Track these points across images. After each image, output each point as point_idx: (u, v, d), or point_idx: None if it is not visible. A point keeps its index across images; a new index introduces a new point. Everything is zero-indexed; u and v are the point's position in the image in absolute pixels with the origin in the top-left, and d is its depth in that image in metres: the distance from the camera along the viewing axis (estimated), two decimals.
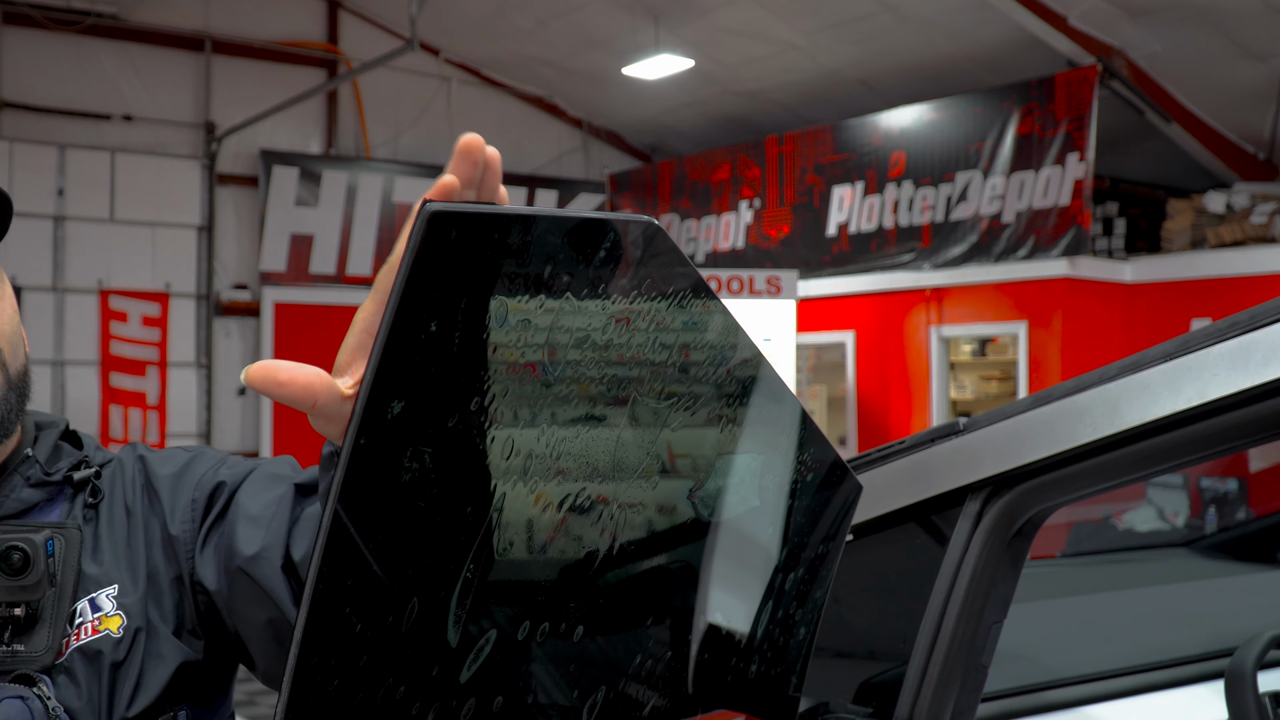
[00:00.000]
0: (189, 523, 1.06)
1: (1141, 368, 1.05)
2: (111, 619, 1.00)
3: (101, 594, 1.00)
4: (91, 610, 0.99)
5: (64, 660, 0.96)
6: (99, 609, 1.00)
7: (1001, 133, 9.33)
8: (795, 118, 11.79)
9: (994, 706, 1.53)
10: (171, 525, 1.06)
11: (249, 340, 11.65)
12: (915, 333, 9.86)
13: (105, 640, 0.99)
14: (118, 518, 1.06)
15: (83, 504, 1.05)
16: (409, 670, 0.52)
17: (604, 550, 0.61)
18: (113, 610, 1.00)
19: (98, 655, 0.98)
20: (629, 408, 0.59)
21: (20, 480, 1.03)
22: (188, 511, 1.06)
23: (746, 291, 9.47)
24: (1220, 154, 9.63)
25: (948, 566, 1.23)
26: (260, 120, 11.02)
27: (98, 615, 0.99)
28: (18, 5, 10.30)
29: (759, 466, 0.71)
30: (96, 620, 0.99)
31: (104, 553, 1.03)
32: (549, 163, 13.22)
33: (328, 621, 0.49)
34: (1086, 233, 8.77)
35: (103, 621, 0.99)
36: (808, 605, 0.78)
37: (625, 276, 0.55)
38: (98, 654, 0.98)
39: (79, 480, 1.05)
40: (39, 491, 1.03)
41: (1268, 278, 8.26)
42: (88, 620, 0.99)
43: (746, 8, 10.08)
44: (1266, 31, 8.41)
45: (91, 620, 0.99)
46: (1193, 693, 1.71)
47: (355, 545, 0.49)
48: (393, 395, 0.49)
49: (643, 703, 0.65)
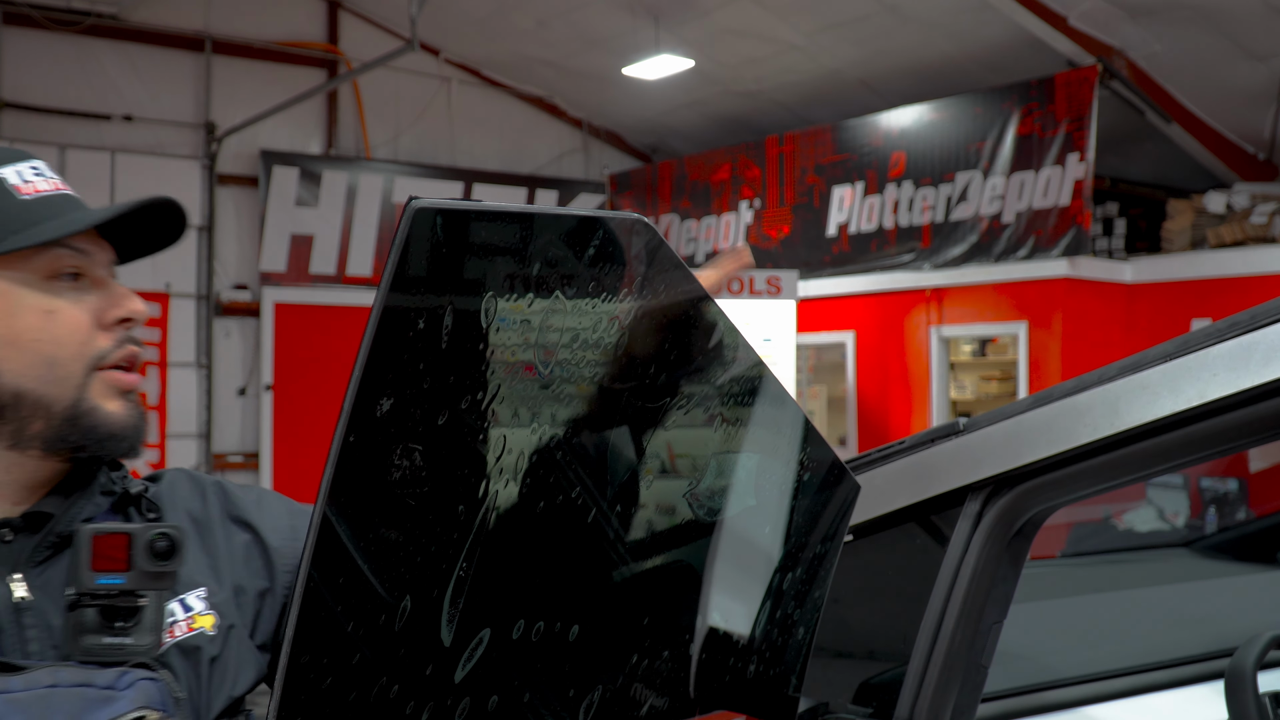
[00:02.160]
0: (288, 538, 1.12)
1: (1141, 368, 1.05)
2: (205, 617, 1.04)
3: (190, 595, 1.04)
4: (183, 609, 1.03)
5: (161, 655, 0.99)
6: (190, 608, 1.04)
7: (1001, 133, 9.32)
8: (795, 118, 11.79)
9: (994, 706, 1.53)
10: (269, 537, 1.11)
11: (249, 340, 11.64)
12: (915, 333, 9.86)
13: (201, 637, 1.03)
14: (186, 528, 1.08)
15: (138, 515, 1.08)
16: (402, 669, 0.52)
17: (600, 550, 0.60)
18: (205, 609, 1.05)
19: (195, 650, 1.02)
20: (624, 407, 0.58)
21: (98, 487, 1.07)
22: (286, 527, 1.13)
23: (746, 292, 9.47)
24: (1220, 154, 9.63)
25: (948, 566, 1.23)
26: (260, 120, 11.01)
27: (190, 614, 1.03)
28: (18, 5, 10.30)
29: (756, 466, 0.71)
30: (189, 619, 1.03)
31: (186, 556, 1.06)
32: (549, 163, 13.22)
33: (319, 620, 0.48)
34: (1086, 233, 8.77)
35: (196, 620, 1.04)
36: (807, 605, 0.78)
37: (616, 275, 0.54)
38: (195, 649, 1.02)
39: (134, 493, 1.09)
40: (106, 500, 1.07)
41: (1268, 278, 8.25)
42: (180, 618, 1.02)
43: (746, 8, 10.08)
44: (1266, 31, 8.41)
45: (184, 618, 1.03)
46: (1193, 693, 1.71)
47: (346, 544, 0.49)
48: (381, 392, 0.48)
49: (640, 702, 0.65)
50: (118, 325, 1.04)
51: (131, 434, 1.04)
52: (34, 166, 1.06)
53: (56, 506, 1.03)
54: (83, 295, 1.03)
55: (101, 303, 1.04)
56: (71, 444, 1.01)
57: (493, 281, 0.51)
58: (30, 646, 0.96)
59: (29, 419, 1.00)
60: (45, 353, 1.00)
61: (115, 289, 1.05)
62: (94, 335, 1.03)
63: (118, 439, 1.03)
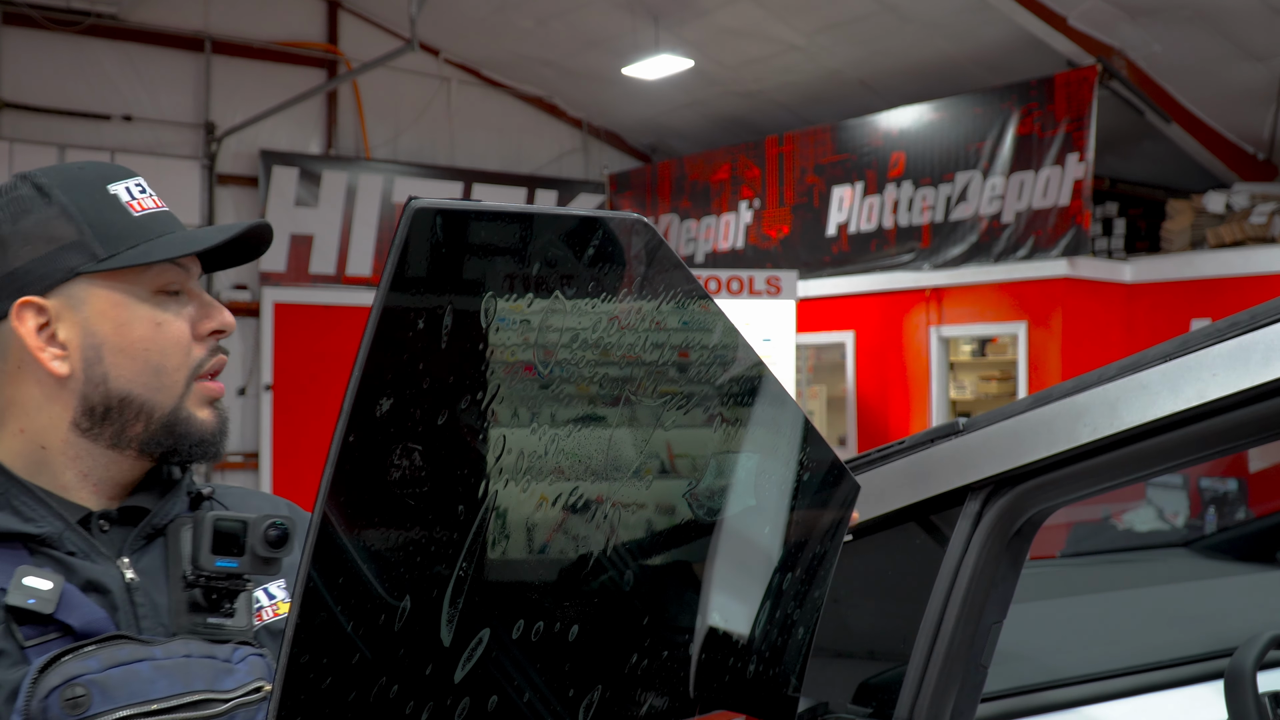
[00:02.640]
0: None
1: (1141, 368, 1.05)
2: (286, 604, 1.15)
3: (272, 584, 1.14)
4: (267, 597, 1.13)
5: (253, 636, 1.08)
6: (273, 596, 1.14)
7: (1001, 133, 9.33)
8: (795, 118, 11.79)
9: (994, 706, 1.53)
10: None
11: (249, 340, 11.64)
12: (915, 333, 9.86)
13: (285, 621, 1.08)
14: None
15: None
16: (402, 669, 0.52)
17: (600, 550, 0.60)
18: (286, 598, 1.15)
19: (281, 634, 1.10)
20: (624, 407, 0.58)
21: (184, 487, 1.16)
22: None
23: (746, 292, 9.47)
24: (1220, 154, 9.63)
25: (948, 566, 1.23)
26: (260, 120, 11.01)
27: (274, 601, 1.14)
28: (18, 5, 10.30)
29: (756, 467, 0.71)
30: (274, 605, 1.14)
31: None
32: (549, 163, 13.22)
33: (319, 620, 0.48)
34: (1086, 233, 8.77)
35: (279, 606, 1.15)
36: (806, 605, 0.78)
37: (615, 275, 0.54)
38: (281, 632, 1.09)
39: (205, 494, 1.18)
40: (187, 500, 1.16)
41: (1268, 278, 8.25)
42: (266, 605, 1.13)
43: (746, 8, 10.08)
44: (1266, 31, 8.41)
45: (269, 605, 1.13)
46: (1193, 693, 1.71)
47: (346, 544, 0.49)
48: (381, 392, 0.48)
49: (640, 702, 0.65)
50: (211, 336, 1.12)
51: (218, 440, 1.12)
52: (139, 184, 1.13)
53: (150, 502, 1.12)
54: (183, 308, 1.11)
55: (198, 315, 1.12)
56: (166, 447, 1.10)
57: (492, 281, 0.51)
58: (142, 623, 1.04)
59: (131, 422, 1.08)
60: (154, 362, 1.08)
61: (209, 302, 1.13)
62: (192, 346, 1.11)
63: (207, 444, 1.11)
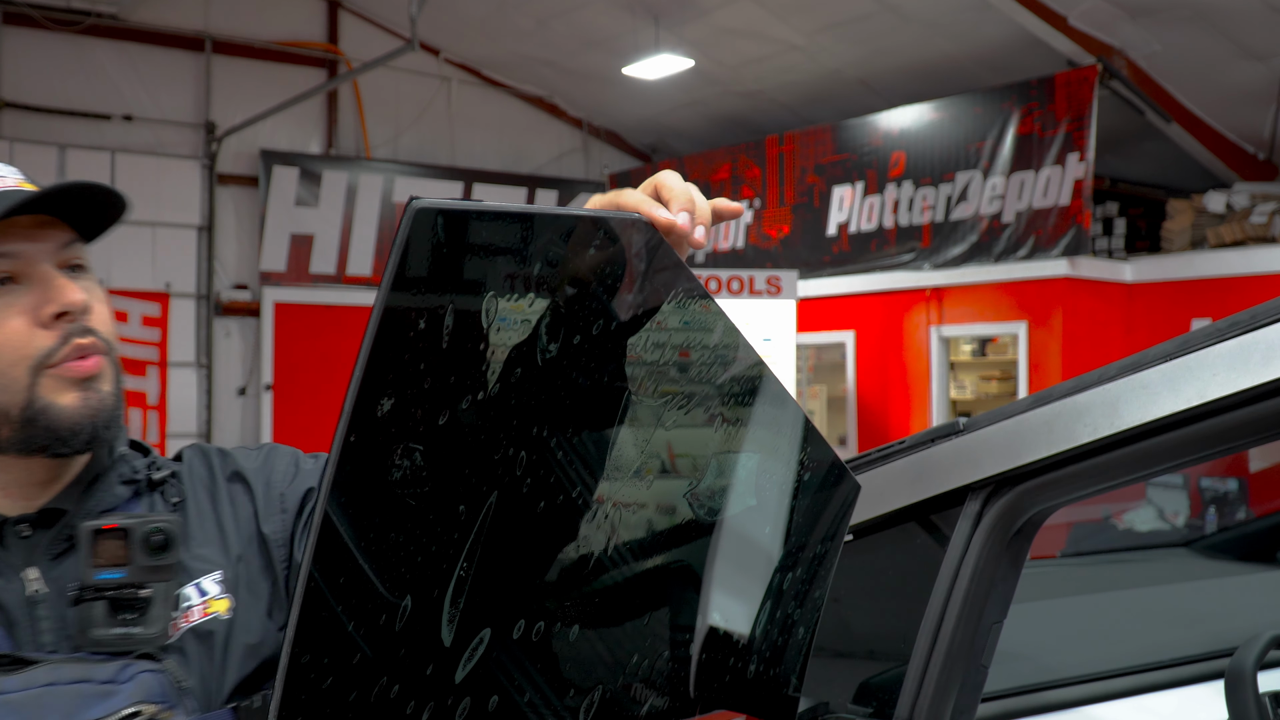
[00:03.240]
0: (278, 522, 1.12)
1: (1141, 368, 1.05)
2: (220, 601, 1.06)
3: (206, 579, 1.06)
4: (198, 594, 1.05)
5: (175, 641, 1.01)
6: (205, 592, 1.06)
7: (1001, 133, 9.32)
8: (795, 118, 11.79)
9: (994, 706, 1.53)
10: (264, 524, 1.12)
11: (249, 340, 11.64)
12: (915, 333, 9.86)
13: (216, 621, 1.05)
14: (204, 509, 1.11)
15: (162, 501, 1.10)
16: (403, 669, 0.52)
17: (600, 549, 0.60)
18: (220, 593, 1.07)
19: (210, 635, 1.04)
20: (624, 407, 0.58)
21: (116, 477, 1.08)
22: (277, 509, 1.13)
23: (746, 291, 9.46)
24: (1220, 154, 9.63)
25: (948, 566, 1.23)
26: (260, 120, 11.01)
27: (205, 599, 1.05)
28: (18, 5, 10.30)
29: (757, 466, 0.71)
30: (204, 603, 1.05)
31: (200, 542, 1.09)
32: (549, 163, 13.21)
33: (320, 619, 0.48)
34: (1086, 233, 8.77)
35: (211, 604, 1.06)
36: (807, 605, 0.78)
37: (616, 274, 0.54)
38: (210, 634, 1.04)
39: (157, 480, 1.11)
40: (127, 489, 1.09)
41: (1268, 278, 8.25)
42: (195, 603, 1.05)
43: (746, 8, 10.08)
44: (1266, 31, 8.40)
45: (199, 603, 1.05)
46: (1193, 693, 1.70)
47: (347, 543, 0.49)
48: (382, 392, 0.48)
49: (640, 702, 0.65)
50: (57, 321, 1.02)
51: (89, 424, 1.02)
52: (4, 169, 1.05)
53: (71, 501, 1.05)
54: (15, 298, 1.01)
55: (37, 300, 1.02)
56: (39, 445, 1.02)
57: (493, 281, 0.51)
58: (43, 638, 0.98)
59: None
60: None
61: (52, 284, 1.02)
62: (33, 335, 1.01)
63: (77, 433, 1.02)
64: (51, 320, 1.02)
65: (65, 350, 1.02)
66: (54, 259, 1.04)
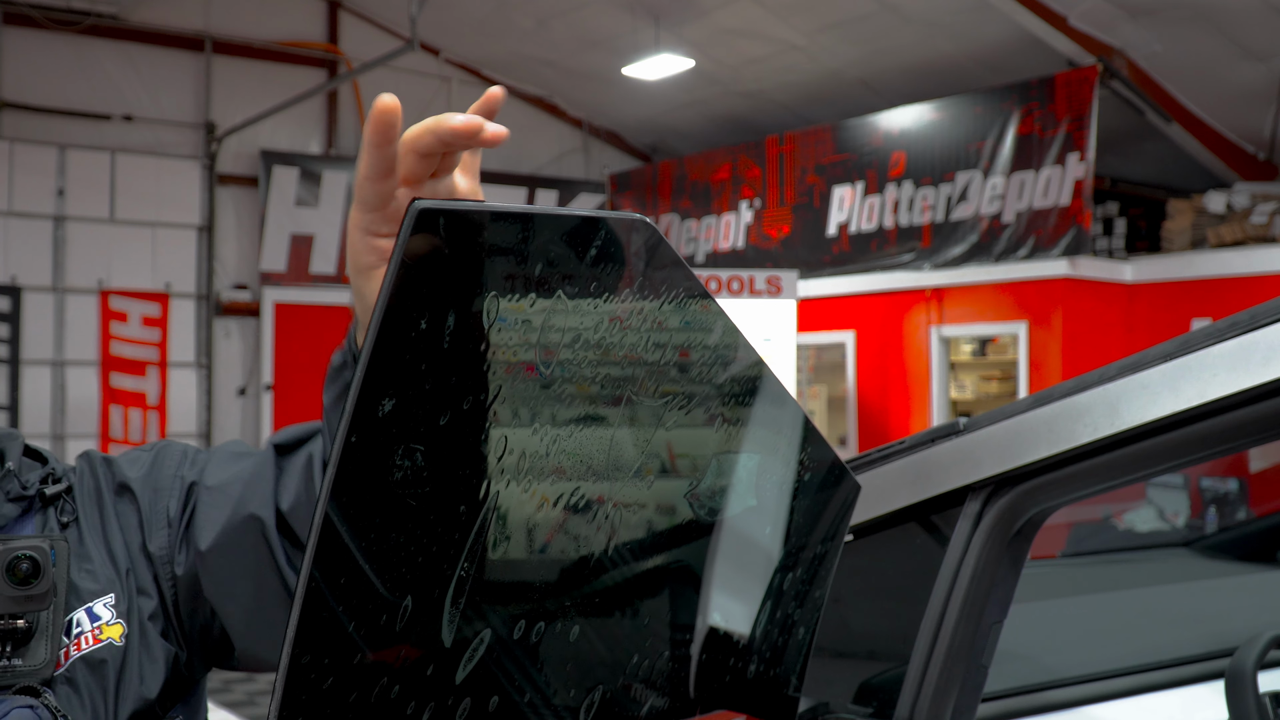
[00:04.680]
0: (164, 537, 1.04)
1: (1142, 368, 1.05)
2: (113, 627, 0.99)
3: (98, 603, 0.99)
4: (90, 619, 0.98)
5: (64, 671, 0.95)
6: (98, 618, 0.99)
7: (1002, 133, 9.33)
8: (795, 118, 11.79)
9: (994, 706, 1.53)
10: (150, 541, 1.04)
11: (249, 340, 11.64)
12: (915, 333, 9.86)
13: (109, 649, 0.98)
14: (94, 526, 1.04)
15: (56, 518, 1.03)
16: (403, 670, 0.52)
17: (601, 550, 0.60)
18: (113, 619, 0.99)
19: (102, 664, 0.97)
20: (625, 407, 0.58)
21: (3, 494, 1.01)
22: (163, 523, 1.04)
23: (746, 292, 9.47)
24: (1220, 154, 9.63)
25: (948, 567, 1.23)
26: (260, 120, 11.02)
27: (97, 624, 0.98)
28: (18, 5, 10.30)
29: (757, 466, 0.71)
30: (97, 629, 0.98)
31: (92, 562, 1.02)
32: (549, 163, 13.22)
33: (320, 620, 0.48)
34: (1087, 233, 8.77)
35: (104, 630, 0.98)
36: (807, 605, 0.78)
37: (617, 275, 0.54)
38: (102, 662, 0.97)
39: (51, 494, 1.03)
40: (15, 506, 1.01)
41: (1268, 278, 8.25)
42: (87, 630, 0.98)
43: (746, 8, 10.08)
44: (1266, 31, 8.41)
45: (91, 630, 0.98)
46: (1193, 693, 1.70)
47: (347, 543, 0.49)
48: (384, 393, 0.49)
49: (640, 702, 0.65)
50: None
51: None
52: None
53: None
54: None
55: None
56: None
57: (495, 281, 0.51)
58: None
59: None
60: None
61: None
62: None
63: None
64: None
65: None
66: None
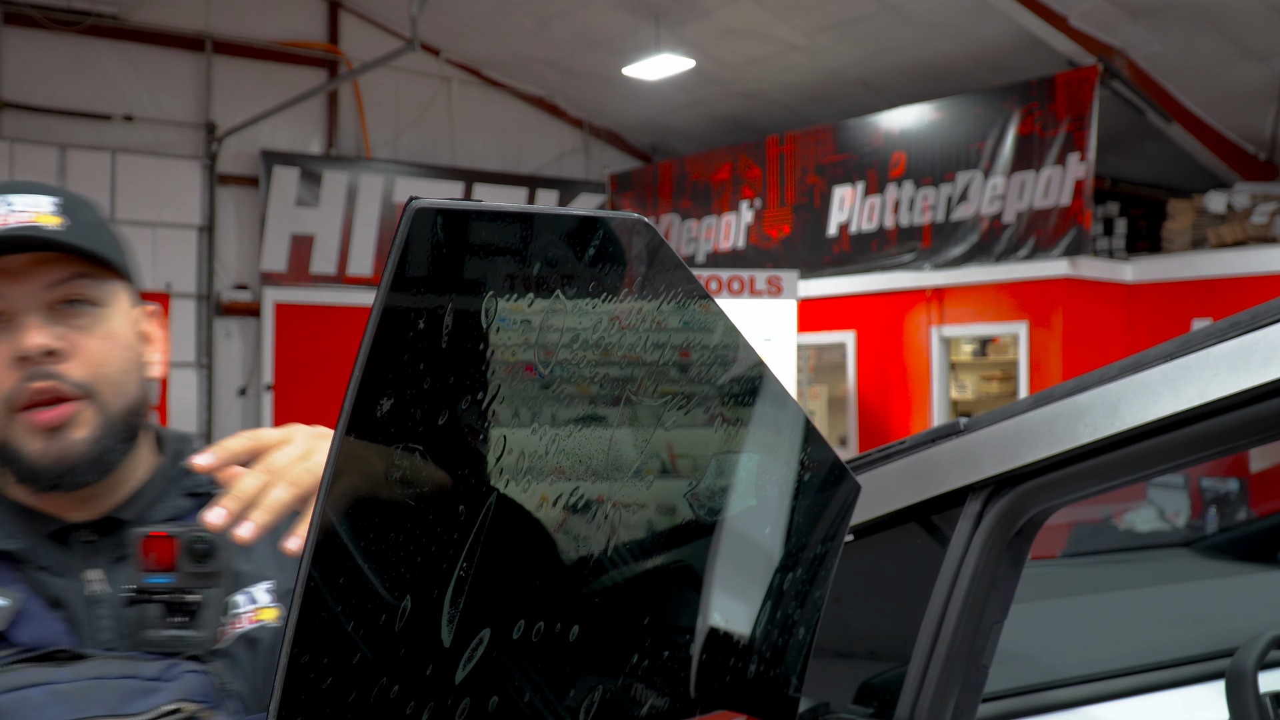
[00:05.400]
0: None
1: (1142, 368, 1.05)
2: (269, 610, 1.10)
3: (258, 588, 1.10)
4: (248, 602, 1.09)
5: (224, 646, 1.05)
6: (255, 601, 1.09)
7: (1002, 133, 9.32)
8: (796, 118, 11.79)
9: (994, 706, 1.53)
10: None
11: (249, 340, 11.65)
12: (916, 333, 9.86)
13: (263, 629, 1.08)
14: None
15: None
16: (403, 670, 0.52)
17: (600, 550, 0.60)
18: (270, 602, 1.10)
19: (256, 642, 1.07)
20: (624, 407, 0.58)
21: (177, 491, 1.14)
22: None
23: (747, 292, 9.47)
24: (1221, 154, 9.63)
25: (948, 567, 1.23)
26: (261, 120, 11.02)
27: (255, 606, 1.09)
28: (18, 5, 10.30)
29: (757, 466, 0.71)
30: (253, 611, 1.09)
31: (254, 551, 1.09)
32: (549, 163, 13.22)
33: (319, 620, 0.48)
34: (1087, 233, 8.77)
35: (260, 612, 1.09)
36: (807, 605, 0.77)
37: (616, 275, 0.54)
38: (256, 641, 1.07)
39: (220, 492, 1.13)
40: (192, 501, 1.13)
41: (1268, 278, 8.25)
42: (245, 610, 1.08)
43: (747, 8, 10.08)
44: (1267, 31, 8.41)
45: (249, 610, 1.08)
46: (1193, 693, 1.70)
47: (346, 544, 0.49)
48: (382, 392, 0.48)
49: (641, 702, 0.65)
50: (20, 364, 1.02)
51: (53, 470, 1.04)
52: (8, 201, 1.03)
53: (134, 510, 1.10)
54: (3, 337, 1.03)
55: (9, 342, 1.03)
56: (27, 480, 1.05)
57: (493, 281, 0.51)
58: (102, 636, 1.03)
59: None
60: None
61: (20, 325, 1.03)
62: (4, 377, 1.02)
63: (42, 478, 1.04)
64: (17, 364, 1.02)
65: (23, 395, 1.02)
66: (41, 298, 1.03)
